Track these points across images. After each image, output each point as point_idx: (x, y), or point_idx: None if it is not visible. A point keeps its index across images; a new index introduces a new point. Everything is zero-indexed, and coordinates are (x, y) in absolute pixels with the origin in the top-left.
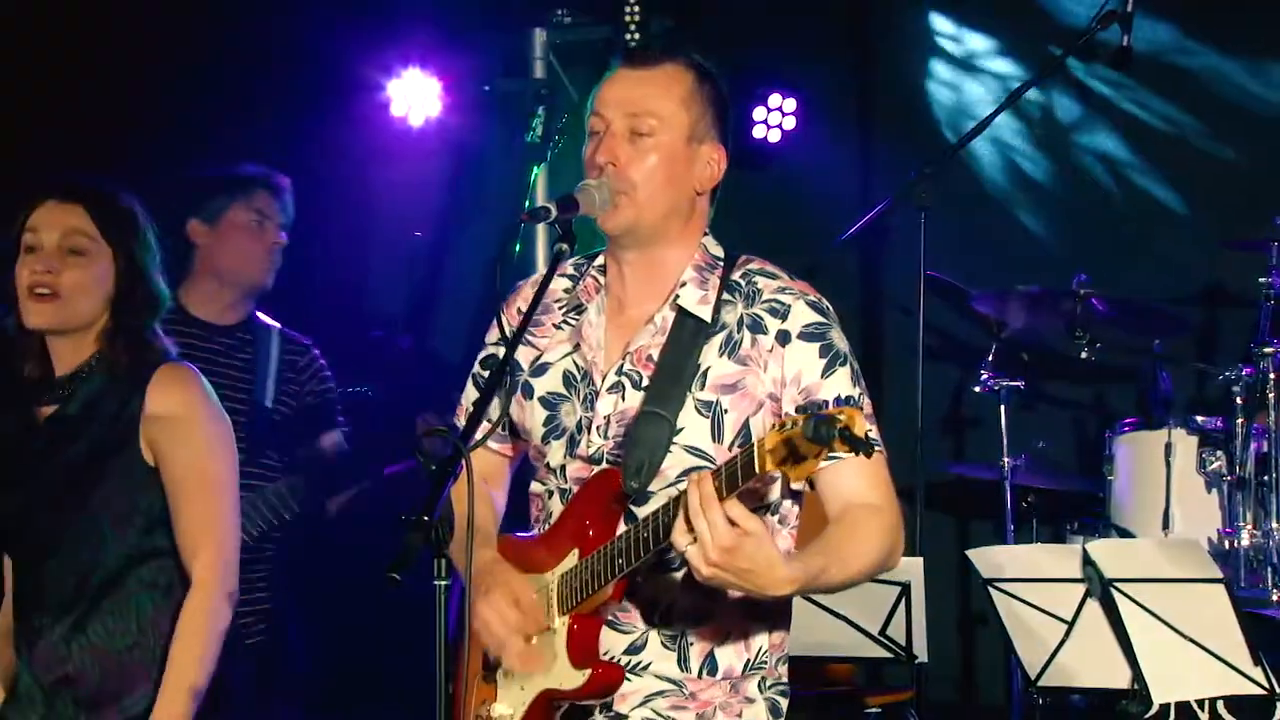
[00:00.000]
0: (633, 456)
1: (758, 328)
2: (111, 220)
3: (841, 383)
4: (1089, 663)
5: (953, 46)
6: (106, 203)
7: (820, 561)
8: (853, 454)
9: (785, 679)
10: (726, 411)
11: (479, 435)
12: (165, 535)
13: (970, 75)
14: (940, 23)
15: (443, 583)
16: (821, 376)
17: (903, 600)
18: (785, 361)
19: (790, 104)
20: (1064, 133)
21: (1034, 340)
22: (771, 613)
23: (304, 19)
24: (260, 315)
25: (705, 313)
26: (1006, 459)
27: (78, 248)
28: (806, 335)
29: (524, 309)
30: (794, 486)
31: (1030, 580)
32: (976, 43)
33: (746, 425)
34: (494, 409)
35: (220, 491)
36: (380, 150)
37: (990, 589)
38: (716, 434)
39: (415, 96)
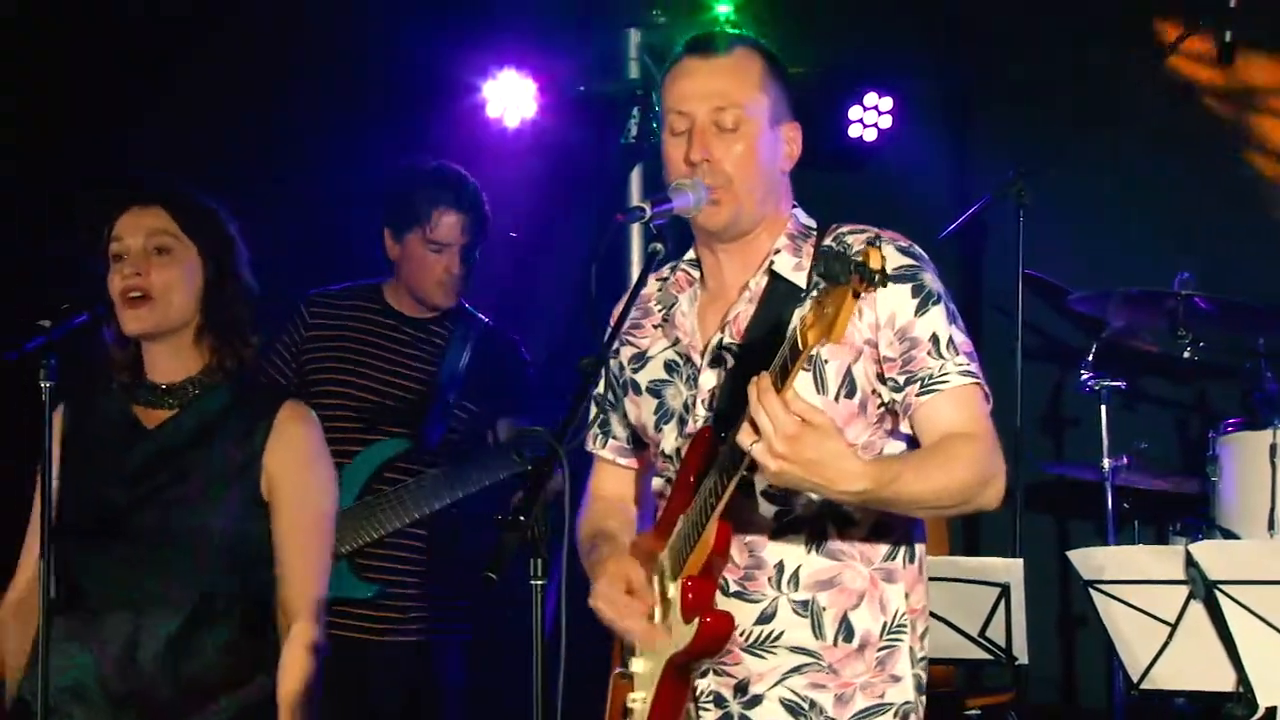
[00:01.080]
0: (731, 415)
1: None
2: (192, 218)
3: (936, 320)
4: (1193, 665)
5: (1048, 44)
6: (185, 201)
7: (897, 466)
8: (869, 288)
9: (927, 653)
10: (827, 362)
11: (585, 435)
12: (259, 569)
13: (1068, 71)
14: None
15: (539, 582)
16: (915, 315)
17: (1003, 601)
18: (879, 304)
19: (887, 103)
20: (1165, 128)
21: (1135, 339)
22: (902, 574)
23: (401, 22)
24: (467, 307)
25: (800, 279)
26: (1107, 459)
27: (163, 246)
28: (897, 277)
29: (621, 314)
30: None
31: (1132, 582)
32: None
33: (849, 373)
34: (611, 420)
35: (326, 534)
36: (476, 151)
37: (1091, 590)
38: (820, 386)
39: (511, 98)
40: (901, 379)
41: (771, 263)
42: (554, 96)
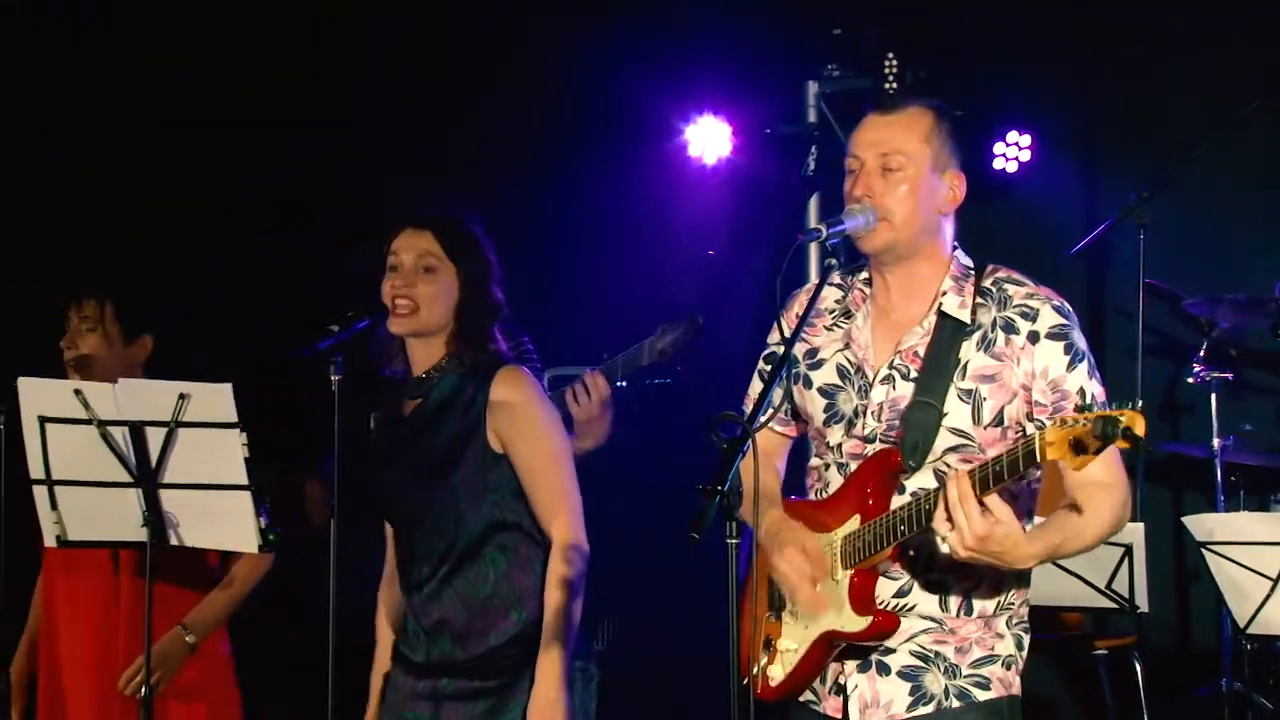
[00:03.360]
0: (908, 437)
1: (1010, 329)
2: (455, 242)
3: (1082, 376)
4: None
5: (1165, 85)
6: (451, 228)
7: (1058, 538)
8: (1134, 449)
9: (1027, 619)
10: (985, 399)
11: (762, 419)
12: (516, 509)
13: (1183, 109)
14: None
15: (734, 541)
16: (1066, 370)
17: (1126, 559)
18: (1035, 358)
19: (1025, 139)
20: (1267, 156)
21: (1241, 338)
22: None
23: (619, 77)
24: None
25: (965, 315)
26: (1217, 439)
27: (429, 266)
28: (1052, 335)
29: (799, 314)
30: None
31: (1239, 543)
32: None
33: (1001, 411)
34: (776, 397)
35: (563, 464)
36: (681, 184)
37: (1203, 550)
38: (976, 417)
39: (709, 139)
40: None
41: (940, 304)
42: (745, 138)
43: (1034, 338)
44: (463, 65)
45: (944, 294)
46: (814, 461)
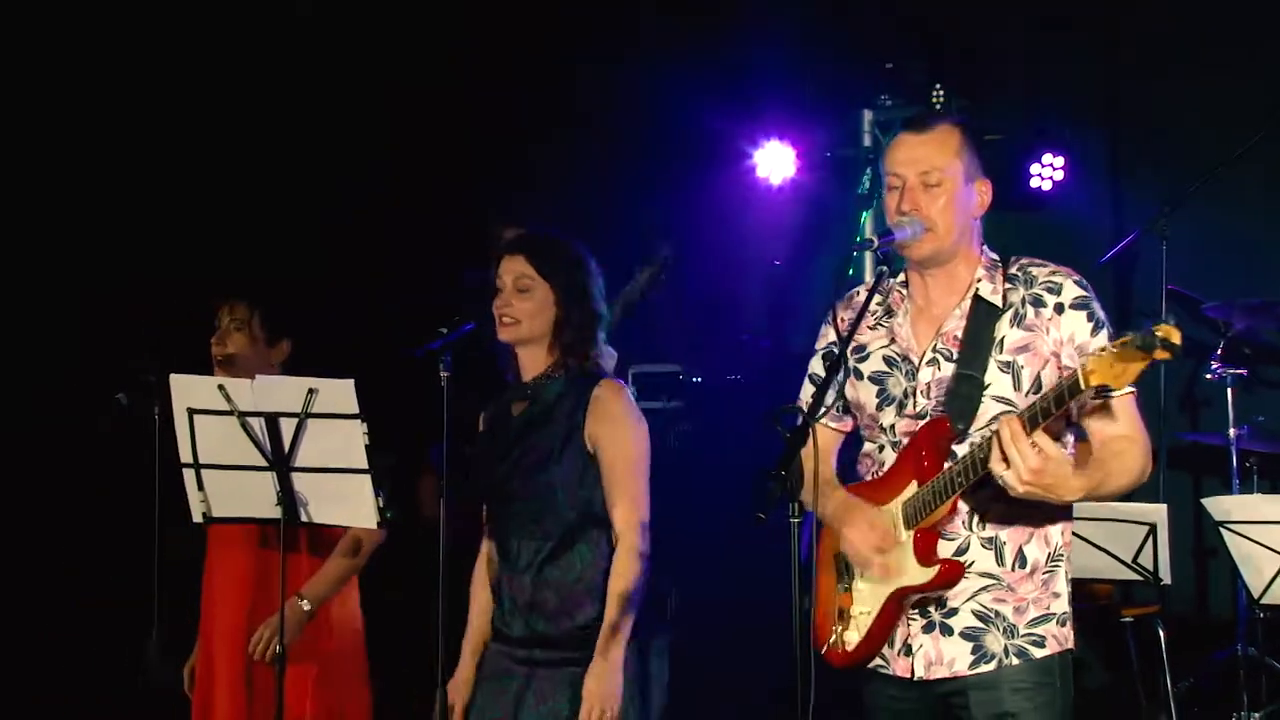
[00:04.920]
0: (954, 407)
1: (1039, 303)
2: (548, 263)
3: (1103, 339)
4: None
5: (1186, 113)
6: (541, 249)
7: (1099, 476)
8: (1170, 357)
9: (1071, 574)
10: (1023, 368)
11: (821, 411)
12: (598, 504)
13: (1200, 134)
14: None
15: (796, 520)
16: (1090, 335)
17: (1151, 536)
18: (1062, 326)
19: (1059, 161)
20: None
21: (1255, 338)
22: (1059, 516)
23: (697, 109)
24: None
25: (997, 300)
26: (1233, 429)
27: (524, 287)
28: (1076, 306)
29: (847, 318)
30: (1096, 412)
31: (1252, 522)
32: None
33: (1038, 376)
34: (831, 395)
35: (640, 473)
36: (750, 202)
37: (1220, 529)
38: (1016, 384)
39: (775, 162)
40: None
41: (976, 290)
42: (807, 160)
43: (1060, 309)
44: (570, 102)
45: (979, 281)
46: (867, 448)
